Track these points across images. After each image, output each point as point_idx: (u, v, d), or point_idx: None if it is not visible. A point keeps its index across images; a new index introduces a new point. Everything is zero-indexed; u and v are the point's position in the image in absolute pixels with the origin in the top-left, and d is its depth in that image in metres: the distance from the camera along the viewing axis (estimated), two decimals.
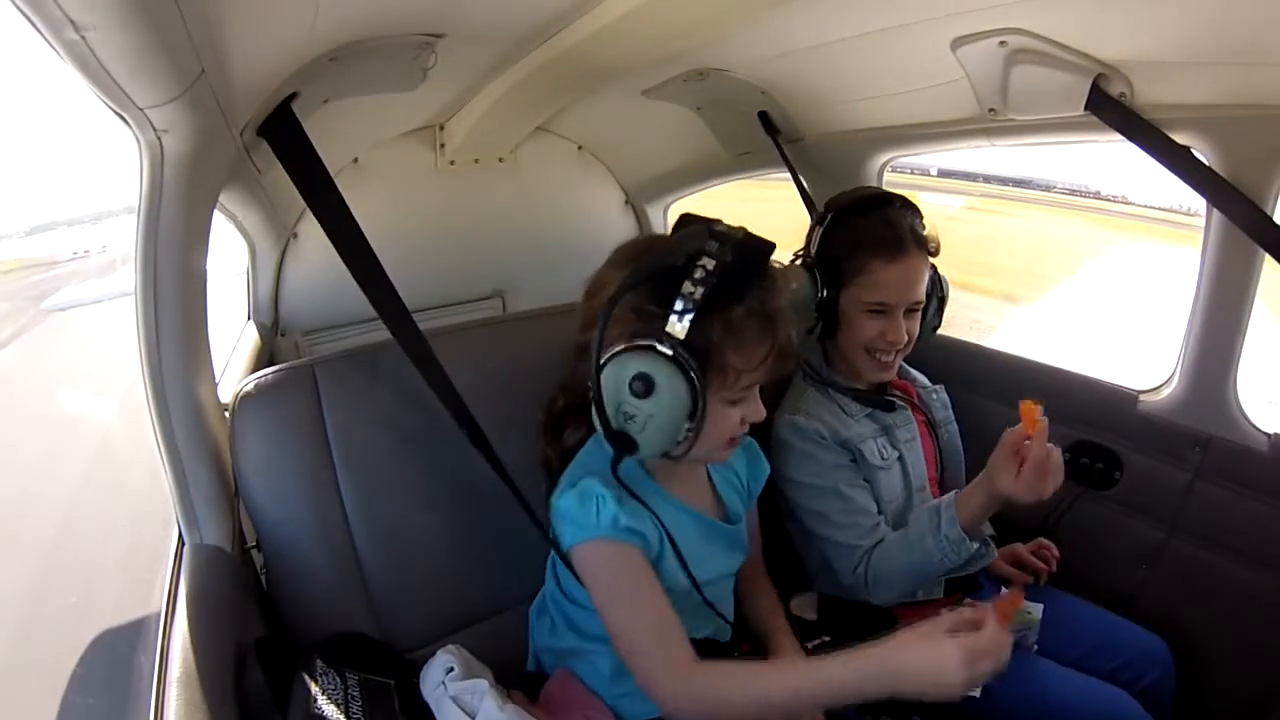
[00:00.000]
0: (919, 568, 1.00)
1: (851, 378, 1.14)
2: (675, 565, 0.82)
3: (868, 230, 1.07)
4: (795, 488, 1.10)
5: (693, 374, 0.71)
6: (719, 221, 0.76)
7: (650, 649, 0.76)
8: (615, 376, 0.72)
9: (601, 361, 0.72)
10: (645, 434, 0.73)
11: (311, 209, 0.89)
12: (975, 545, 0.96)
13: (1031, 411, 0.88)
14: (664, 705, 0.75)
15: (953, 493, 1.00)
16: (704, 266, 0.70)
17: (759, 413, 0.81)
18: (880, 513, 1.07)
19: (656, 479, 0.86)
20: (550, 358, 1.08)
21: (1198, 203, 1.07)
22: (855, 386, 1.13)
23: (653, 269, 0.72)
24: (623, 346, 0.72)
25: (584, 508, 0.79)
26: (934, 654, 0.66)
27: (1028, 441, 0.89)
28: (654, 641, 0.76)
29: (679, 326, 0.70)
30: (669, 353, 0.70)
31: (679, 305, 0.70)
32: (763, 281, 0.76)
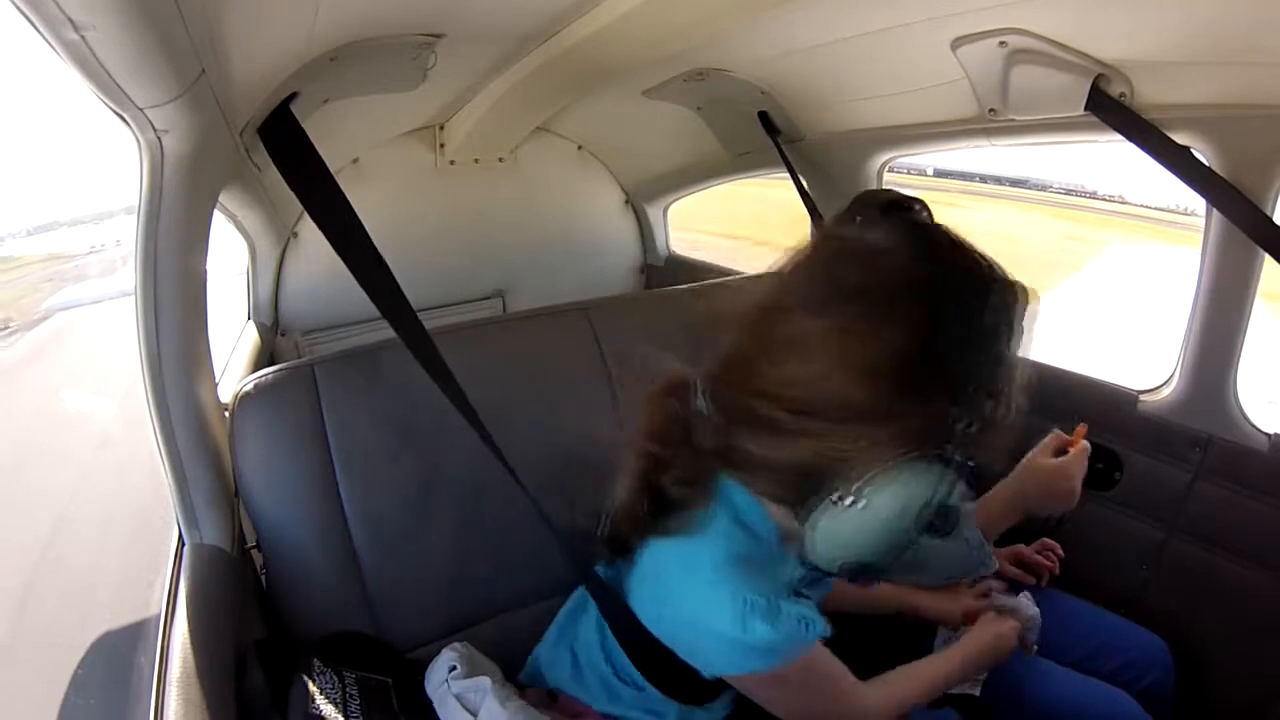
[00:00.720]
0: (934, 570, 0.99)
1: None
2: None
3: None
4: None
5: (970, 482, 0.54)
6: (947, 229, 0.57)
7: (842, 701, 0.73)
8: (895, 506, 0.52)
9: (865, 481, 0.52)
10: (899, 564, 0.56)
11: (309, 212, 0.88)
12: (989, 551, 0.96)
13: (1081, 432, 0.97)
14: None
15: (971, 502, 1.01)
16: (995, 325, 0.51)
17: None
18: None
19: None
20: (550, 357, 1.08)
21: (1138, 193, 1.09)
22: None
23: (947, 346, 0.50)
24: (910, 459, 0.52)
25: (796, 630, 0.63)
26: (1002, 634, 0.88)
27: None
28: (849, 705, 0.73)
29: (974, 421, 0.51)
30: (972, 464, 0.52)
31: (974, 392, 0.50)
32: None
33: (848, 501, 0.53)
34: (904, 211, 1.08)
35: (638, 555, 0.71)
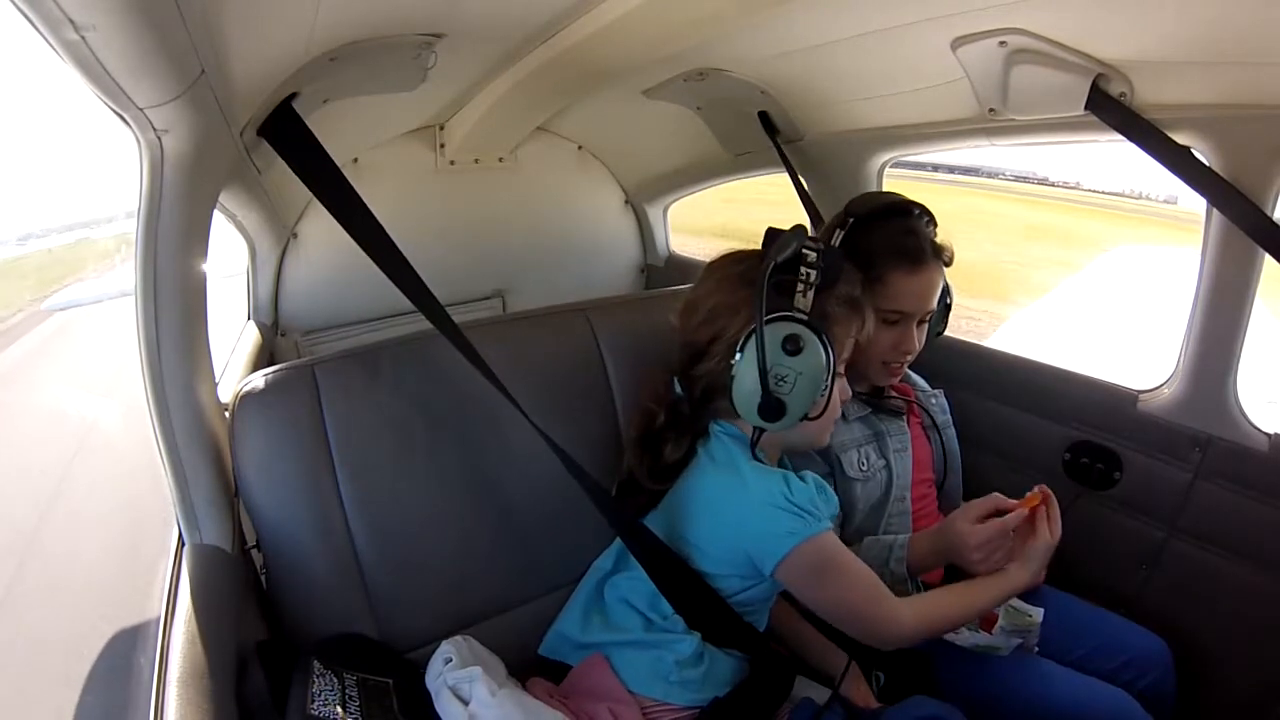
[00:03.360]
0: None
1: (859, 383, 1.14)
2: None
3: (889, 239, 1.06)
4: None
5: (824, 335, 0.82)
6: None
7: (878, 602, 0.86)
8: (767, 342, 0.80)
9: (747, 338, 0.82)
10: (795, 393, 0.81)
11: (323, 203, 0.88)
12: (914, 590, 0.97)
13: (1033, 501, 0.93)
14: (903, 638, 0.87)
15: (906, 535, 1.02)
16: (813, 251, 0.84)
17: (849, 392, 0.94)
18: (845, 520, 1.08)
19: None
20: (550, 357, 1.08)
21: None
22: (855, 389, 1.13)
23: (781, 256, 0.83)
24: (769, 317, 0.81)
25: (822, 498, 0.87)
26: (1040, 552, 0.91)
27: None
28: (881, 596, 0.86)
29: (805, 298, 0.82)
30: (805, 317, 0.82)
31: (802, 282, 0.82)
32: (845, 274, 0.89)
33: (737, 359, 0.83)
34: (900, 216, 1.08)
35: (663, 502, 0.95)
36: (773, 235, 0.88)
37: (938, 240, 1.09)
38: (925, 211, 1.10)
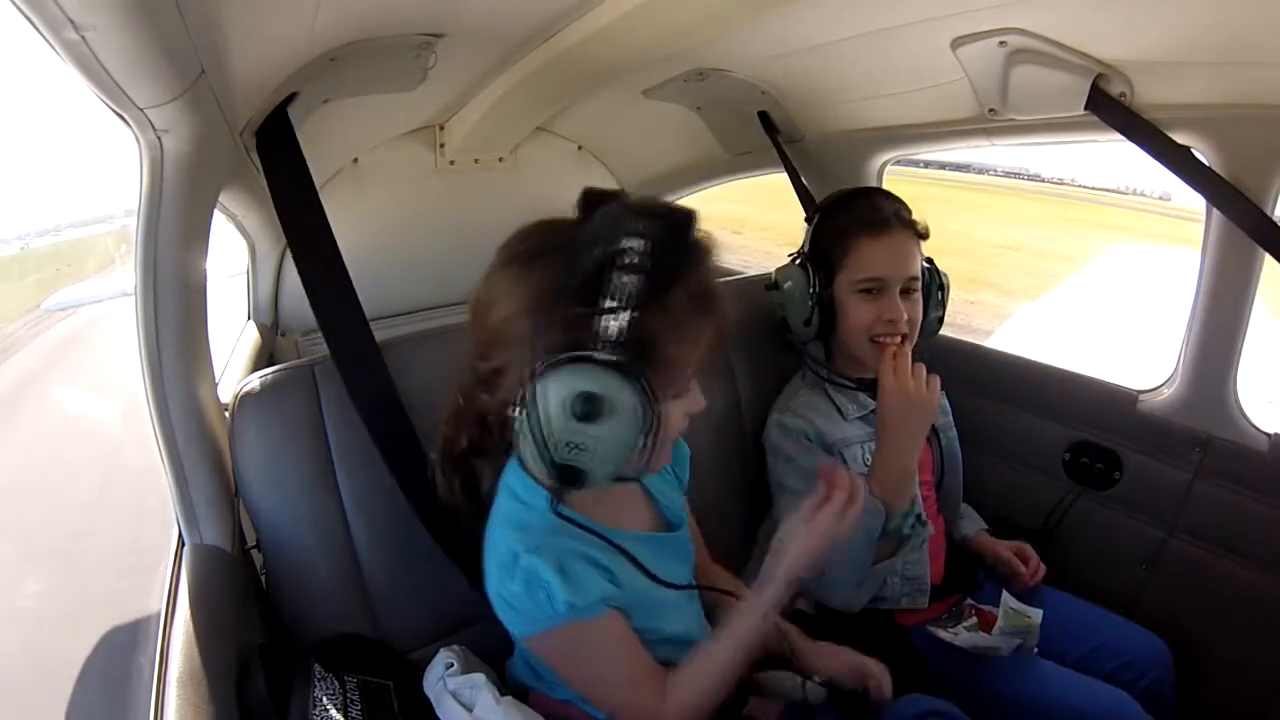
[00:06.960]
0: (855, 549, 0.97)
1: (856, 370, 1.14)
2: (639, 577, 0.74)
3: (853, 215, 1.12)
4: (780, 494, 1.11)
5: (642, 380, 0.59)
6: (625, 193, 0.69)
7: (633, 699, 0.75)
8: (551, 403, 0.60)
9: (528, 389, 0.60)
10: (596, 461, 0.61)
11: (283, 224, 0.90)
12: (900, 514, 0.98)
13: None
14: None
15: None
16: (634, 249, 0.59)
17: (700, 403, 0.73)
18: None
19: (590, 516, 0.73)
20: None
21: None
22: (862, 376, 1.13)
23: (582, 266, 0.60)
24: (551, 362, 0.59)
25: (532, 598, 0.69)
26: (806, 540, 0.75)
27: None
28: (634, 691, 0.74)
29: (614, 325, 0.59)
30: (611, 359, 0.59)
31: (612, 300, 0.59)
32: (693, 256, 0.65)
33: (517, 414, 0.62)
34: (862, 196, 1.13)
35: None
36: (591, 202, 0.66)
37: (908, 214, 1.11)
38: (888, 193, 1.15)
